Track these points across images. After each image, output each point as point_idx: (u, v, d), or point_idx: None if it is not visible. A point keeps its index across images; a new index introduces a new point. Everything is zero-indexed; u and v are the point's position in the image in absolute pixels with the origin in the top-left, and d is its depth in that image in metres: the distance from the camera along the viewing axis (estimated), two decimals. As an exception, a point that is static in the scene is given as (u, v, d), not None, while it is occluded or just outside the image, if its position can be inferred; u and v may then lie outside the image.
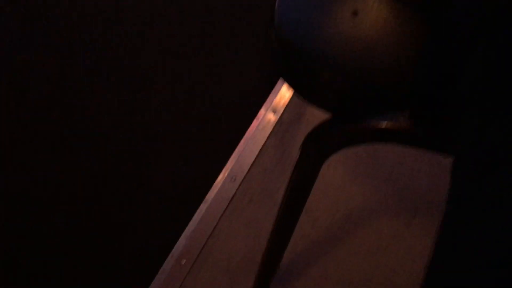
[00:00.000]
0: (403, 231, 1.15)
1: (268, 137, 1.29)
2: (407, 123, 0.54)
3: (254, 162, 1.25)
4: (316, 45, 0.57)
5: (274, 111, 1.34)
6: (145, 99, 1.36)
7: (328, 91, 0.57)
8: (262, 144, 1.28)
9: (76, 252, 1.12)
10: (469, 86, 0.42)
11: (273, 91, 1.38)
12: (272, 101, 1.35)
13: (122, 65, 1.42)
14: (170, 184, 1.22)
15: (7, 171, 1.24)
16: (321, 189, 1.20)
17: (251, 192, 1.20)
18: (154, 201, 1.20)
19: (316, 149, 0.63)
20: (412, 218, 1.17)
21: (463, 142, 0.43)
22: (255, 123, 1.32)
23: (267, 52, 1.43)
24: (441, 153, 0.56)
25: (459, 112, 0.44)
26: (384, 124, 0.55)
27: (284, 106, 1.35)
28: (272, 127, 1.31)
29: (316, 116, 1.31)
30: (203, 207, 1.18)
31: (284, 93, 1.37)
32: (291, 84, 0.60)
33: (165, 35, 1.48)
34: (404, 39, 0.58)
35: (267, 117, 1.33)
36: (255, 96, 1.37)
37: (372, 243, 1.14)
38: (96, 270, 1.10)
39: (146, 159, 1.26)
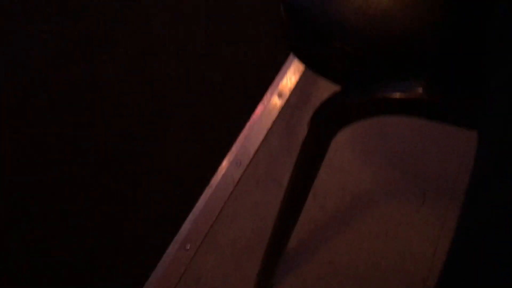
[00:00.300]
0: (412, 216, 1.13)
1: (274, 121, 1.27)
2: (424, 92, 0.52)
3: (259, 146, 1.23)
4: (325, 12, 0.55)
5: (280, 95, 1.31)
6: (147, 83, 1.34)
7: (338, 60, 0.55)
8: (268, 128, 1.26)
9: (78, 236, 1.11)
10: (497, 48, 0.38)
11: (279, 74, 1.36)
12: (278, 84, 1.33)
13: (130, 36, 1.40)
14: (174, 168, 1.20)
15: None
16: (328, 173, 1.18)
17: (256, 177, 1.18)
18: (157, 185, 1.18)
19: (325, 124, 0.60)
20: (421, 202, 1.15)
21: (488, 122, 0.38)
22: (260, 107, 1.30)
23: (273, 30, 1.40)
24: (462, 127, 0.54)
25: (484, 81, 0.41)
26: (398, 94, 0.52)
27: (291, 90, 1.32)
28: (278, 111, 1.28)
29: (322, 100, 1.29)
30: (208, 191, 1.16)
31: (290, 77, 1.34)
32: (300, 55, 0.58)
33: (173, 6, 1.46)
34: (418, 5, 0.55)
35: (273, 101, 1.31)
36: (260, 80, 1.35)
37: (380, 228, 1.11)
38: (99, 255, 1.08)
39: (149, 144, 1.24)
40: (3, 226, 1.12)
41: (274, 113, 1.28)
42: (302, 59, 0.58)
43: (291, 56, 1.39)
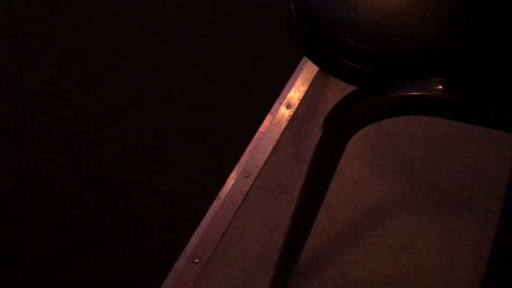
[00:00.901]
0: (425, 227, 1.10)
1: (282, 132, 1.24)
2: (444, 90, 0.49)
3: (268, 157, 1.20)
4: (339, 9, 0.53)
5: (289, 106, 1.29)
6: (155, 94, 1.32)
7: (354, 58, 0.52)
8: (276, 139, 1.24)
9: (87, 250, 1.08)
10: None
11: (287, 85, 1.34)
12: (286, 95, 1.31)
13: (133, 55, 1.39)
14: (182, 180, 1.18)
15: (15, 161, 1.20)
16: (338, 184, 1.15)
17: (266, 189, 1.15)
18: (165, 198, 1.15)
19: (340, 126, 0.58)
20: (435, 213, 1.12)
21: None
22: (269, 118, 1.28)
23: (281, 40, 1.38)
24: (484, 126, 0.51)
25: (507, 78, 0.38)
26: (417, 92, 0.50)
27: (299, 100, 1.30)
28: (286, 122, 1.26)
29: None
30: (216, 204, 1.14)
31: (298, 87, 1.32)
32: (313, 56, 0.56)
33: (176, 25, 1.45)
34: (434, 3, 0.53)
35: (281, 111, 1.28)
36: (268, 91, 1.33)
37: (394, 240, 1.08)
38: (107, 269, 1.06)
39: (157, 155, 1.22)
40: (14, 224, 1.10)
41: (283, 124, 1.26)
42: (315, 59, 0.56)
43: (299, 67, 1.37)
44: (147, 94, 1.32)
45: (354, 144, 1.21)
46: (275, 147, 1.22)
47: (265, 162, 1.20)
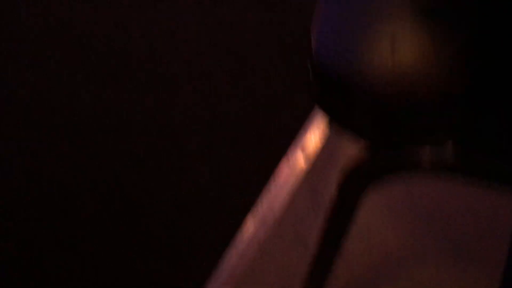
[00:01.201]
0: (445, 279, 1.09)
1: (298, 179, 1.25)
2: (451, 152, 0.50)
3: (284, 205, 1.21)
4: (353, 68, 0.55)
5: (306, 153, 1.30)
6: (167, 132, 1.34)
7: (366, 115, 0.54)
8: (292, 186, 1.24)
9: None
10: None
11: (302, 129, 1.34)
12: (302, 139, 1.32)
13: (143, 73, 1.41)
14: (196, 227, 1.18)
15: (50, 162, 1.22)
16: (354, 232, 1.15)
17: (282, 237, 1.16)
18: (178, 246, 1.16)
19: (354, 184, 0.59)
20: (453, 264, 1.10)
21: None
22: (285, 165, 1.29)
23: (301, 85, 1.40)
24: (495, 186, 0.51)
25: None
26: (427, 156, 0.51)
27: (315, 145, 1.31)
28: (302, 169, 1.27)
29: (350, 157, 1.27)
30: (232, 252, 1.14)
31: (314, 132, 1.33)
32: (327, 110, 0.57)
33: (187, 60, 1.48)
34: (445, 61, 0.55)
35: (297, 157, 1.29)
36: (285, 136, 1.34)
37: (411, 291, 1.07)
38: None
39: (170, 206, 1.23)
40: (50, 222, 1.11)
41: (299, 171, 1.27)
42: (329, 113, 0.57)
43: (315, 110, 1.38)
44: (156, 129, 1.34)
45: (370, 193, 1.21)
46: (291, 194, 1.23)
47: (281, 210, 1.20)
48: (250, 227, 1.18)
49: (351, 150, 0.62)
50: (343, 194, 0.59)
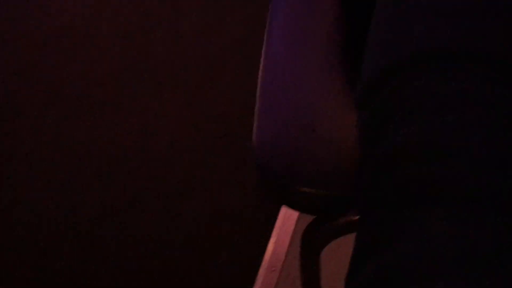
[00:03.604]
0: None
1: (296, 223, 1.40)
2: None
3: (288, 249, 1.36)
4: (290, 166, 0.70)
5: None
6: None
7: (307, 201, 0.69)
8: (292, 230, 1.39)
9: None
10: None
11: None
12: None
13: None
14: (214, 280, 1.33)
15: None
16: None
17: (290, 279, 1.30)
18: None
19: (311, 243, 0.75)
20: None
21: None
22: (283, 210, 1.43)
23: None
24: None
25: None
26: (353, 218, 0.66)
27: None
28: (299, 213, 1.42)
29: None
30: (251, 302, 1.29)
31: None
32: (275, 202, 0.73)
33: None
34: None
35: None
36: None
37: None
38: None
39: (186, 266, 1.37)
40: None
41: (295, 214, 1.42)
42: (279, 203, 0.73)
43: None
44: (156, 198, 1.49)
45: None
46: (292, 238, 1.37)
47: (286, 254, 1.35)
48: (262, 275, 1.33)
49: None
50: (304, 253, 0.75)
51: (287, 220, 1.41)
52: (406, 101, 0.41)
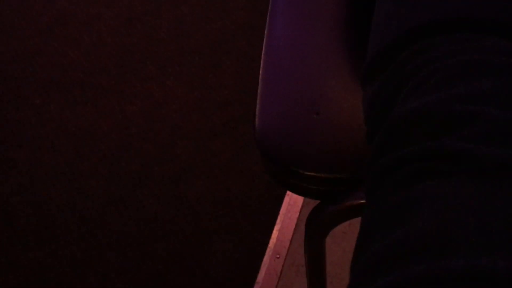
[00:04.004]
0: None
1: (300, 210, 1.39)
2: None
3: (292, 236, 1.35)
4: (294, 147, 0.69)
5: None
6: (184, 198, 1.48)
7: (311, 185, 0.68)
8: (296, 218, 1.38)
9: None
10: None
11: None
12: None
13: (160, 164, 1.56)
14: (218, 267, 1.33)
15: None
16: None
17: (296, 265, 1.30)
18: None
19: (315, 228, 0.73)
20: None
21: None
22: (286, 199, 1.43)
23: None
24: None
25: None
26: (356, 202, 0.65)
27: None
28: (302, 200, 1.41)
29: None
30: (256, 288, 1.29)
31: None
32: (281, 185, 0.72)
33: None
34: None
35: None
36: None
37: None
38: None
39: (191, 255, 1.37)
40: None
41: (299, 202, 1.41)
42: (283, 187, 0.72)
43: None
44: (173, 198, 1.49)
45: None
46: (297, 225, 1.37)
47: (291, 241, 1.34)
48: (267, 262, 1.32)
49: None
50: (308, 239, 0.74)
51: (291, 207, 1.41)
52: (419, 70, 0.40)
